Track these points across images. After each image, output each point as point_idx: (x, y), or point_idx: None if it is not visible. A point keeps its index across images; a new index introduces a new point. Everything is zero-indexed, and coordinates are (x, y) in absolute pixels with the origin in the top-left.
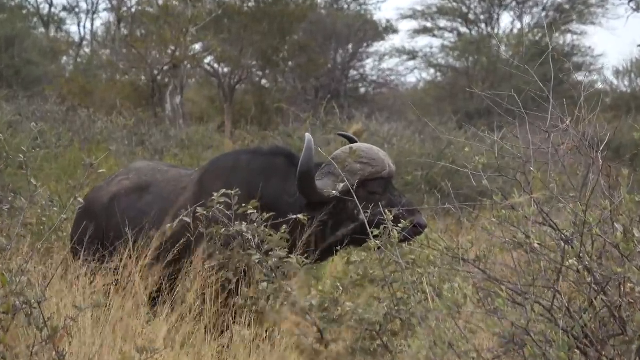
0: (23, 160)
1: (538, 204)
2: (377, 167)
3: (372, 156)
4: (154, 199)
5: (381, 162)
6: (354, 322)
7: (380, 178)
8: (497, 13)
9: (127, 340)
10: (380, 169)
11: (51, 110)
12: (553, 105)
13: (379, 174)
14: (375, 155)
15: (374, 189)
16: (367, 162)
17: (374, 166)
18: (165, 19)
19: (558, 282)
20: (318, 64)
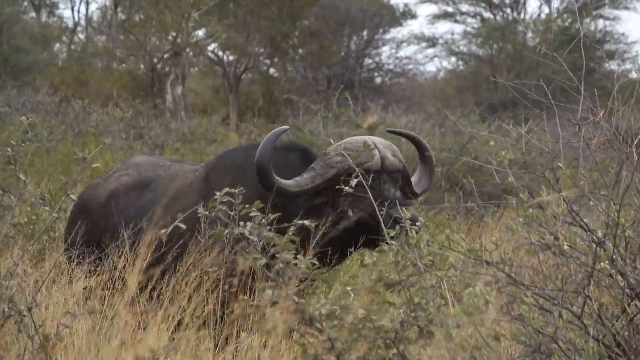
0: (11, 155)
1: (568, 203)
2: (358, 159)
3: (355, 148)
4: (155, 196)
5: (365, 153)
6: (367, 329)
7: (366, 171)
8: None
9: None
10: (363, 161)
11: (43, 101)
12: (584, 96)
13: (362, 167)
14: (358, 146)
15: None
16: (348, 154)
17: (354, 158)
18: (165, 2)
19: (589, 287)
20: (330, 52)
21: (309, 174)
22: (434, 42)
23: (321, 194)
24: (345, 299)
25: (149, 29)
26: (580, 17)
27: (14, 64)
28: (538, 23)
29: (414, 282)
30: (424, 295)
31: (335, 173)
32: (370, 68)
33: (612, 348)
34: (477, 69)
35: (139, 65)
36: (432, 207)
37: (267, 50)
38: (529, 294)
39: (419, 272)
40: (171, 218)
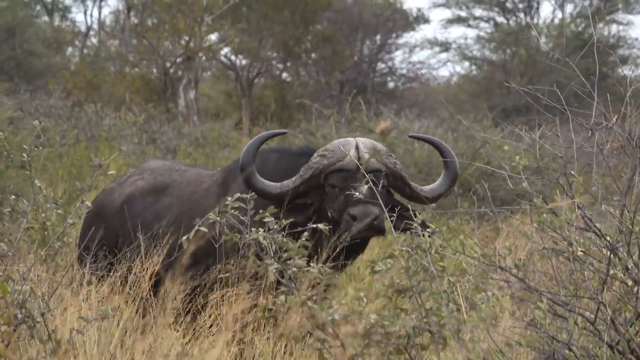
0: (26, 160)
1: (581, 209)
2: (331, 158)
3: (332, 148)
4: (172, 201)
5: (339, 153)
6: (379, 335)
7: (339, 170)
8: (537, 1)
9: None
10: (335, 161)
11: (55, 105)
12: (597, 101)
13: (334, 166)
14: (337, 147)
15: (332, 182)
16: (324, 154)
17: (328, 158)
18: (178, 7)
19: (602, 293)
20: (343, 56)
21: (295, 176)
22: (447, 46)
23: (307, 194)
24: (357, 304)
25: (162, 33)
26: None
27: (26, 68)
28: (551, 28)
29: (426, 287)
30: (436, 300)
31: (311, 174)
32: (383, 73)
33: (626, 354)
34: (490, 73)
35: (152, 70)
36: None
37: (280, 55)
38: (544, 300)
39: (431, 278)
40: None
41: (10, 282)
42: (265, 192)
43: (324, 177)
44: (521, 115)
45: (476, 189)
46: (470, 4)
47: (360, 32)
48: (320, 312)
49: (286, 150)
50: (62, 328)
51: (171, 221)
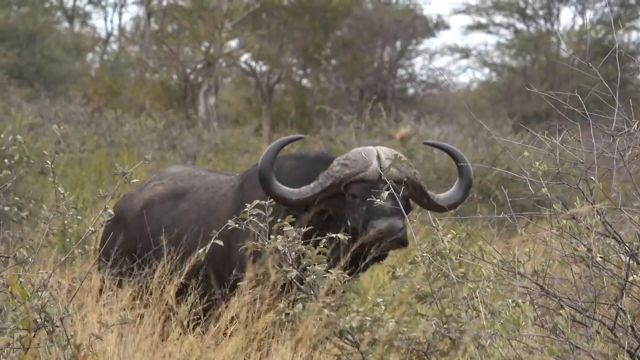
0: (50, 167)
1: (601, 215)
2: (353, 168)
3: (353, 157)
4: (190, 206)
5: (361, 163)
6: (399, 341)
7: (361, 180)
8: (557, 8)
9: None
10: (357, 171)
11: (75, 111)
12: (618, 107)
13: (356, 176)
14: (357, 156)
15: (354, 192)
16: (345, 164)
17: (350, 168)
18: (198, 13)
19: (621, 299)
20: (363, 63)
21: (313, 183)
22: (467, 53)
23: (322, 201)
24: (376, 310)
25: (182, 40)
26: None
27: (47, 74)
28: (572, 34)
29: (446, 293)
30: (457, 307)
31: (332, 182)
32: (403, 79)
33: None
34: (510, 80)
35: (172, 76)
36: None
37: (300, 61)
38: (565, 308)
39: (452, 284)
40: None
41: (30, 287)
42: (284, 199)
43: (344, 186)
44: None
45: (496, 195)
46: (490, 11)
47: (380, 38)
48: (338, 319)
49: (302, 157)
50: (81, 333)
51: (189, 227)
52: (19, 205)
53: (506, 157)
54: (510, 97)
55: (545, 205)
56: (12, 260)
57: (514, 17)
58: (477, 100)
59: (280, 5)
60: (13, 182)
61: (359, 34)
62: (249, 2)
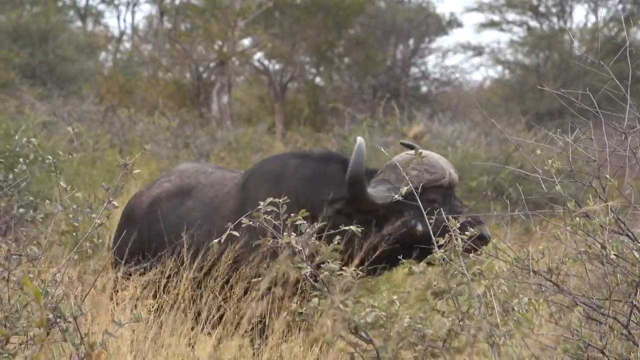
0: (52, 162)
1: (614, 212)
2: (435, 174)
3: (430, 163)
4: (195, 204)
5: (440, 169)
6: (414, 337)
7: (439, 186)
8: (570, 5)
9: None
10: (439, 177)
11: (88, 110)
12: (630, 105)
13: (437, 182)
14: (435, 162)
15: (433, 197)
16: (425, 169)
17: (432, 173)
18: (211, 11)
19: (636, 296)
20: (376, 61)
21: (384, 187)
22: (480, 51)
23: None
24: (391, 307)
25: (195, 38)
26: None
27: (59, 73)
28: (584, 32)
29: (462, 290)
30: (472, 304)
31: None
32: (416, 77)
33: None
34: (524, 77)
35: (185, 74)
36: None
37: (313, 59)
38: (580, 305)
39: (467, 281)
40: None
41: (42, 284)
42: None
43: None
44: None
45: (509, 192)
46: (503, 8)
47: (393, 36)
48: (352, 316)
49: (307, 156)
50: (94, 332)
51: (194, 225)
52: (33, 205)
53: (519, 155)
54: (523, 94)
55: (558, 203)
56: (24, 257)
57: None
58: (490, 97)
59: (293, 3)
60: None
61: (372, 32)
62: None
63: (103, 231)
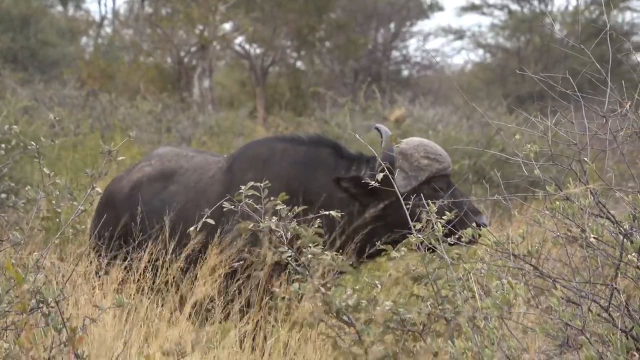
0: (35, 148)
1: (594, 195)
2: (443, 163)
3: (438, 152)
4: (178, 188)
5: (446, 158)
6: (394, 322)
7: (444, 175)
8: None
9: (151, 342)
10: (447, 165)
11: (70, 95)
12: (611, 88)
13: (445, 171)
14: (441, 150)
15: (439, 185)
16: (434, 158)
17: (440, 162)
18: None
19: (616, 279)
20: (357, 45)
21: (402, 175)
22: (461, 34)
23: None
24: (371, 291)
25: (176, 23)
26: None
27: (41, 57)
28: (565, 15)
29: (441, 274)
30: (452, 288)
31: (427, 176)
32: (397, 61)
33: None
34: (505, 61)
35: (166, 59)
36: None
37: (294, 43)
38: (557, 286)
39: (446, 265)
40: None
41: (24, 269)
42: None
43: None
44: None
45: (490, 176)
46: None
47: (374, 20)
48: (333, 299)
49: (294, 140)
50: (76, 317)
51: (177, 209)
52: (14, 190)
53: (501, 138)
54: (504, 78)
55: (539, 186)
56: (5, 242)
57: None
58: (471, 81)
59: None
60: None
61: (353, 16)
62: None
63: (84, 217)
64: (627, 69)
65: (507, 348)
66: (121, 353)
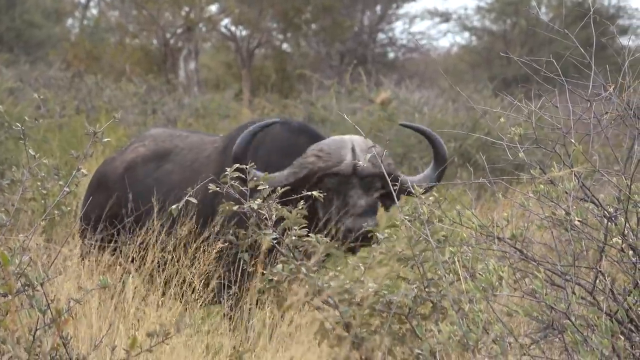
0: (21, 130)
1: (579, 178)
2: (328, 162)
3: (328, 149)
4: (174, 167)
5: (336, 156)
6: (380, 305)
7: (335, 174)
8: None
9: (135, 324)
10: (331, 165)
11: (55, 76)
12: (595, 72)
13: (330, 170)
14: (333, 149)
15: (327, 185)
16: (320, 156)
17: (325, 161)
18: None
19: (600, 262)
20: (343, 27)
21: (287, 171)
22: (447, 17)
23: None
24: (355, 272)
25: (162, 4)
26: None
27: (26, 38)
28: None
29: (428, 257)
30: (437, 271)
31: (305, 174)
32: (383, 43)
33: (624, 323)
34: (491, 44)
35: (152, 41)
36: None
37: (280, 26)
38: (541, 269)
39: (432, 248)
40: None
41: (9, 251)
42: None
43: (317, 178)
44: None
45: (476, 159)
46: None
47: (360, 2)
48: (317, 281)
49: (286, 124)
50: (62, 298)
51: (173, 188)
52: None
53: (486, 122)
54: (490, 61)
55: (524, 170)
56: None
57: None
58: (457, 64)
59: None
60: None
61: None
62: None
63: (70, 198)
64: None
65: (492, 331)
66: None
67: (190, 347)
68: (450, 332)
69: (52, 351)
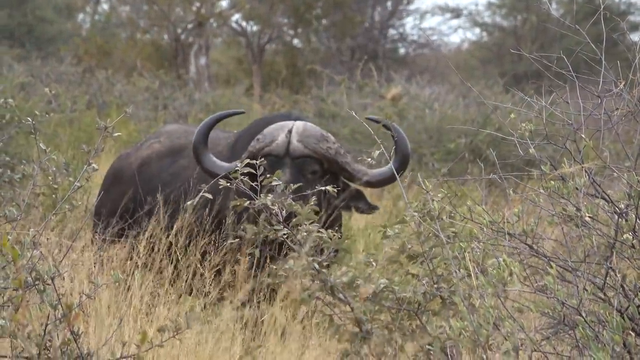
0: (31, 124)
1: (590, 174)
2: (262, 142)
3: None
4: (189, 162)
5: (269, 137)
6: (390, 301)
7: (268, 155)
8: None
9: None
10: (264, 145)
11: (66, 71)
12: (606, 68)
13: (263, 151)
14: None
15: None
16: (259, 138)
17: (260, 142)
18: None
19: (611, 258)
20: (354, 23)
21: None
22: (458, 13)
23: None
24: (367, 268)
25: (173, 0)
26: None
27: (38, 34)
28: None
29: (437, 253)
30: (447, 266)
31: (247, 156)
32: (394, 39)
33: (635, 320)
34: (501, 40)
35: (163, 36)
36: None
37: (291, 21)
38: (552, 265)
39: (442, 244)
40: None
41: (20, 245)
42: (213, 173)
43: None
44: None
45: (487, 155)
46: None
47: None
48: (329, 276)
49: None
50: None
51: (187, 183)
52: (10, 165)
53: (497, 118)
54: (501, 57)
55: (535, 165)
56: (2, 218)
57: None
58: (467, 60)
59: None
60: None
61: None
62: None
63: (81, 193)
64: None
65: (503, 327)
66: (116, 330)
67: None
68: (460, 328)
69: (62, 346)
